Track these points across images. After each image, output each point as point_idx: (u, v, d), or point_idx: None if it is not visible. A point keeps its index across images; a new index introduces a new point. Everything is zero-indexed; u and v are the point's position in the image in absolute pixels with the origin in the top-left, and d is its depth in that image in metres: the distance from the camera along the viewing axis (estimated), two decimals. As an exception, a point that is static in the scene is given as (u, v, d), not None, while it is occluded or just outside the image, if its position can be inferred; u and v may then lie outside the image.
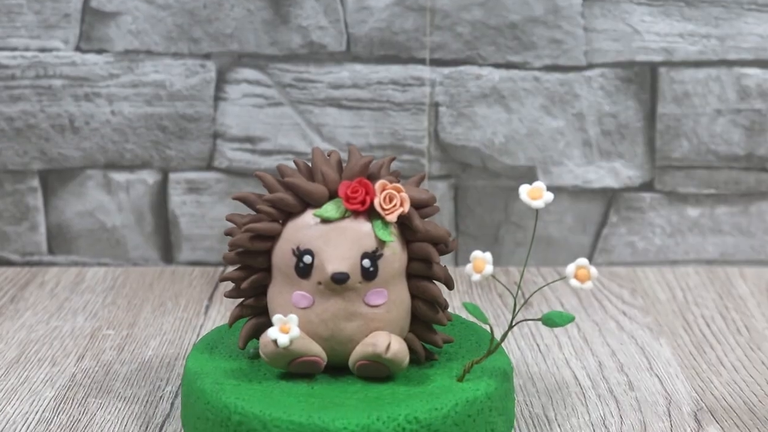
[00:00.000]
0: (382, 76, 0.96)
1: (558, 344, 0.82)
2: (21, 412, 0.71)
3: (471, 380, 0.64)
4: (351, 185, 0.63)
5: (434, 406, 0.61)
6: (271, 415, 0.60)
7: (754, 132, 0.97)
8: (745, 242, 0.99)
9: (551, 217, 0.98)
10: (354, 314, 0.63)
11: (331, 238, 0.63)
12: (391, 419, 0.60)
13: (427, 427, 0.60)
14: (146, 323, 0.85)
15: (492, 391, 0.63)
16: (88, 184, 0.98)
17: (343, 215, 0.63)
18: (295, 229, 0.64)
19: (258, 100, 0.97)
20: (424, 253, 0.64)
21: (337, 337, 0.63)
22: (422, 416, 0.60)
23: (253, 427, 0.60)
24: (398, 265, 0.64)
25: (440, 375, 0.64)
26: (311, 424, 0.59)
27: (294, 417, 0.60)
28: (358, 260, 0.63)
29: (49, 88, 0.96)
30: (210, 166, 0.98)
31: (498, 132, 0.97)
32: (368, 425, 0.59)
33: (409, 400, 0.61)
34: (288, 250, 0.63)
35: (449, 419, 0.61)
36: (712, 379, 0.76)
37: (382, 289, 0.63)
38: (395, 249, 0.63)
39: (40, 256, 0.99)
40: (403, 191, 0.63)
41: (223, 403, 0.62)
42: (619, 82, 0.96)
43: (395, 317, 0.64)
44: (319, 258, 0.63)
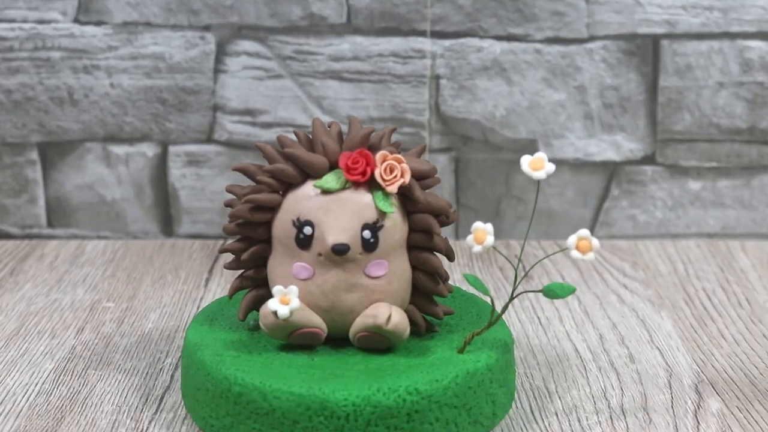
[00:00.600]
0: (383, 48, 0.96)
1: (559, 317, 0.81)
2: (21, 383, 0.71)
3: (472, 352, 0.63)
4: (352, 156, 0.63)
5: (435, 377, 0.61)
6: (272, 387, 0.60)
7: (757, 105, 0.96)
8: (746, 215, 0.99)
9: (552, 190, 0.98)
10: (354, 286, 0.63)
11: (332, 210, 0.62)
12: (391, 390, 0.60)
13: (427, 399, 0.60)
14: (146, 296, 0.85)
15: (493, 362, 0.63)
16: (88, 157, 0.98)
17: (344, 186, 0.63)
18: (295, 200, 0.63)
19: (258, 73, 0.96)
20: (425, 224, 0.64)
21: (338, 309, 0.63)
22: (423, 387, 0.60)
23: (253, 398, 0.60)
24: (399, 237, 0.63)
25: (441, 347, 0.64)
26: (311, 396, 0.59)
27: (294, 388, 0.59)
28: (359, 231, 0.62)
29: (47, 60, 0.95)
30: (210, 139, 0.97)
31: (499, 105, 0.96)
32: (369, 396, 0.59)
33: (410, 372, 0.61)
34: (288, 222, 0.63)
35: (450, 390, 0.61)
36: (713, 352, 0.76)
37: (382, 260, 0.63)
38: (396, 220, 0.63)
39: (39, 229, 0.99)
40: (403, 162, 0.62)
41: (223, 374, 0.61)
42: (621, 55, 0.96)
43: (396, 289, 0.64)
44: (319, 229, 0.62)
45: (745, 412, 0.67)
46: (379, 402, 0.59)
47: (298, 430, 0.59)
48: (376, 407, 0.59)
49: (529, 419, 0.66)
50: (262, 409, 0.60)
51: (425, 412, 0.60)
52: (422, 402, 0.60)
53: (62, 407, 0.67)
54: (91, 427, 0.65)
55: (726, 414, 0.67)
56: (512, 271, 0.90)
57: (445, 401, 0.61)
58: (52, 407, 0.67)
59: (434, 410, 0.60)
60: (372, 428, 0.59)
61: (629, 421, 0.66)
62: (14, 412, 0.67)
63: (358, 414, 0.59)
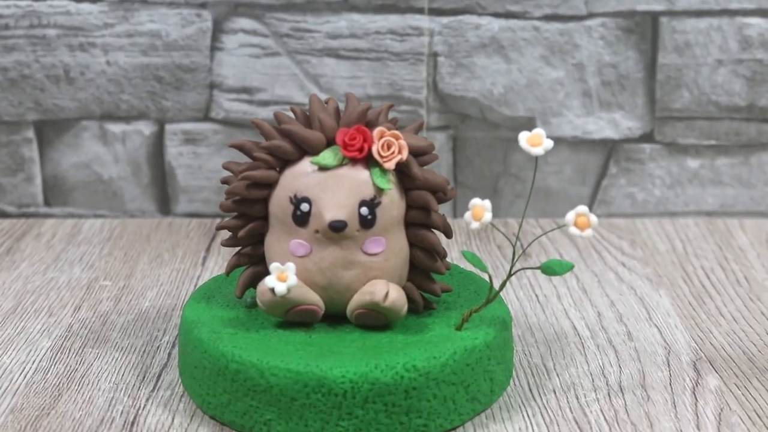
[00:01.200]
0: (381, 25, 0.95)
1: (557, 295, 0.81)
2: (18, 361, 0.70)
3: (469, 329, 0.63)
4: (349, 132, 0.62)
5: (433, 354, 0.61)
6: (269, 364, 0.60)
7: (756, 82, 0.96)
8: (745, 193, 0.98)
9: (550, 168, 0.98)
10: (352, 263, 0.63)
11: (329, 186, 0.62)
12: (389, 367, 0.59)
13: (425, 375, 0.60)
14: (143, 274, 0.85)
15: (490, 339, 0.63)
16: (84, 136, 0.97)
17: (341, 163, 0.62)
18: (292, 176, 0.63)
19: (255, 50, 0.96)
20: (422, 201, 0.63)
21: (335, 286, 0.63)
22: (420, 364, 0.60)
23: (250, 375, 0.60)
24: (396, 213, 0.63)
25: (439, 324, 0.64)
26: (309, 373, 0.59)
27: (291, 365, 0.59)
28: (356, 208, 0.62)
29: (43, 37, 0.95)
30: (206, 117, 0.97)
31: (497, 82, 0.96)
32: (366, 373, 0.59)
33: (408, 349, 0.61)
34: (285, 198, 0.63)
35: (447, 367, 0.61)
36: (711, 330, 0.76)
37: (380, 237, 0.63)
38: (393, 197, 0.63)
39: (36, 208, 0.99)
40: (401, 138, 0.62)
41: (220, 351, 0.61)
42: (620, 32, 0.95)
43: (393, 266, 0.63)
44: (316, 206, 0.62)
45: (743, 389, 0.67)
46: (376, 379, 0.59)
47: (296, 407, 0.59)
48: (374, 384, 0.59)
49: (527, 396, 0.66)
50: (259, 386, 0.60)
51: (423, 389, 0.60)
52: (420, 379, 0.60)
53: (59, 385, 0.67)
54: (88, 404, 0.65)
55: (724, 391, 0.67)
56: (510, 249, 0.90)
57: (443, 378, 0.61)
58: (49, 385, 0.67)
59: (432, 387, 0.60)
60: (370, 405, 0.59)
61: (627, 398, 0.66)
62: (11, 390, 0.67)
63: (355, 391, 0.59)
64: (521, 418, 0.64)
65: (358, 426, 0.59)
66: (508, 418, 0.64)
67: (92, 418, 0.63)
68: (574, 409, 0.65)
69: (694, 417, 0.64)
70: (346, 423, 0.59)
